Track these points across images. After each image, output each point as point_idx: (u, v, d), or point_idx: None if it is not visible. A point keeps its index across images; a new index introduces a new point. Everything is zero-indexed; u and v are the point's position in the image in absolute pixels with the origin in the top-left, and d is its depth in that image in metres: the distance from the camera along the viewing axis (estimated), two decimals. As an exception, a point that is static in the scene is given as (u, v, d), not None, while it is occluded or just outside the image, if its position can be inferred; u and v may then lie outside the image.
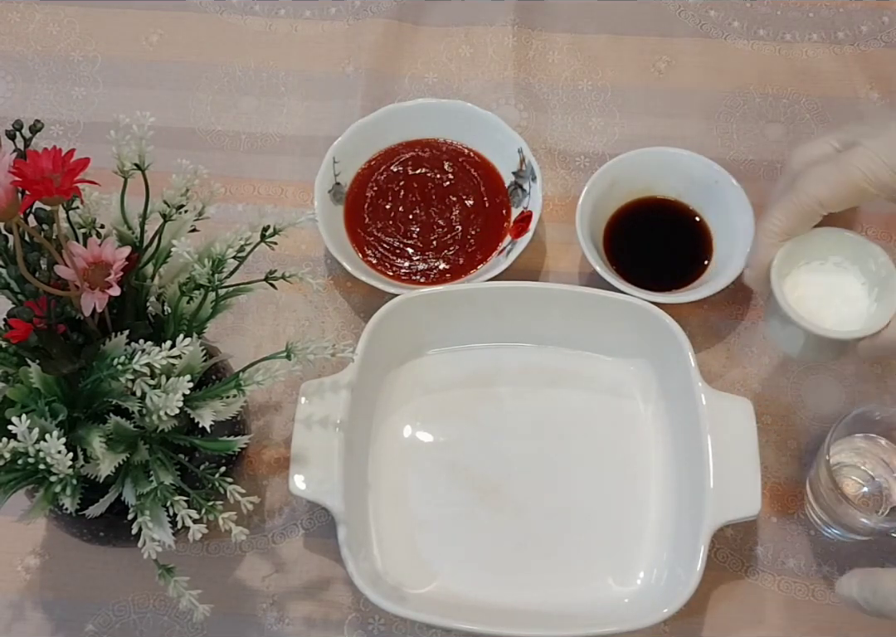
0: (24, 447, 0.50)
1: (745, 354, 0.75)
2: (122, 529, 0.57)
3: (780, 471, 0.71)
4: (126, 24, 0.90)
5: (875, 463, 0.67)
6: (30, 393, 0.54)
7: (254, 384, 0.58)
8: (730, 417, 0.65)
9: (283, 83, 0.87)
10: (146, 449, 0.57)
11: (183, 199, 0.59)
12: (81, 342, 0.55)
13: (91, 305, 0.52)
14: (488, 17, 0.89)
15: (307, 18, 0.90)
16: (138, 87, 0.87)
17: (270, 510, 0.71)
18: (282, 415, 0.74)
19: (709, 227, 0.76)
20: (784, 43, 0.88)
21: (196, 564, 0.69)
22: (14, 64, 0.88)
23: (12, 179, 0.48)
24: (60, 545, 0.69)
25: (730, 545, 0.69)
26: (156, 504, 0.56)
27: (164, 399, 0.53)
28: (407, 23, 0.89)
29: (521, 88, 0.86)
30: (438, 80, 0.87)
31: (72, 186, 0.48)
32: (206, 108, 0.86)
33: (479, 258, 0.76)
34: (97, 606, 0.68)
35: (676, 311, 0.71)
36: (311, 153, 0.83)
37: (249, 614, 0.68)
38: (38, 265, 0.53)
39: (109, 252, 0.53)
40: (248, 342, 0.76)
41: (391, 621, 0.67)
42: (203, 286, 0.58)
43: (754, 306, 0.77)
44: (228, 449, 0.58)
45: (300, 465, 0.65)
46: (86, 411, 0.55)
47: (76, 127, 0.85)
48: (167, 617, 0.68)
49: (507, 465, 0.70)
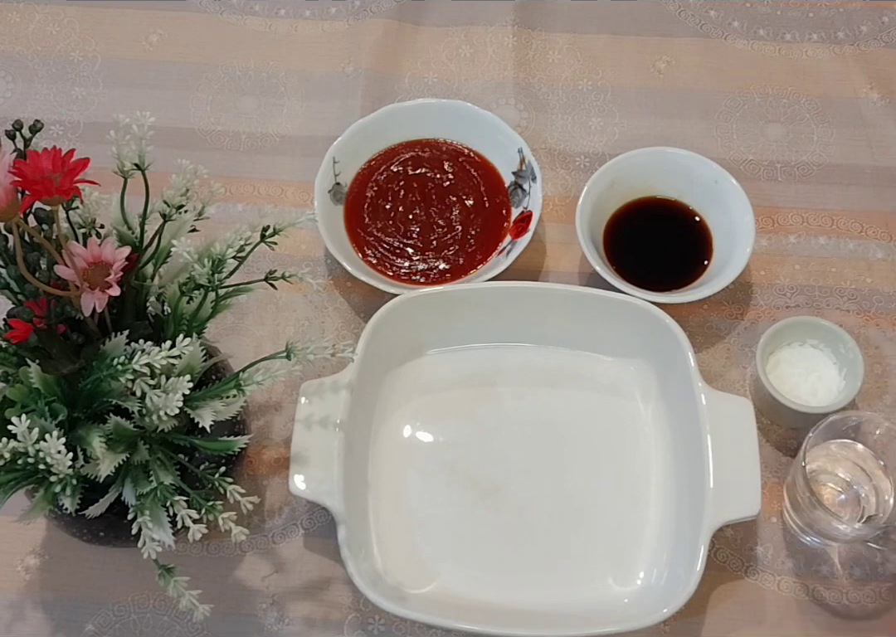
0: (24, 447, 0.50)
1: (744, 354, 0.75)
2: (122, 529, 0.57)
3: (780, 471, 0.71)
4: (126, 25, 0.90)
5: (852, 469, 0.67)
6: (30, 393, 0.54)
7: (254, 384, 0.58)
8: (730, 417, 0.65)
9: (282, 83, 0.87)
10: (146, 449, 0.57)
11: (183, 199, 0.59)
12: (81, 342, 0.55)
13: (91, 305, 0.52)
14: (488, 17, 0.90)
15: (307, 18, 0.90)
16: (138, 87, 0.87)
17: (270, 510, 0.71)
18: (282, 415, 0.74)
19: (709, 227, 0.76)
20: (784, 43, 0.88)
21: (196, 564, 0.69)
22: (14, 64, 0.88)
23: (12, 179, 0.48)
24: (60, 545, 0.69)
25: (730, 545, 0.69)
26: (156, 504, 0.56)
27: (164, 399, 0.53)
28: (407, 23, 0.89)
29: (520, 88, 0.86)
30: (438, 80, 0.87)
31: (72, 186, 0.48)
32: (205, 108, 0.86)
33: (479, 258, 0.76)
34: (97, 606, 0.68)
35: (676, 311, 0.71)
36: (310, 153, 0.83)
37: (249, 614, 0.68)
38: (38, 265, 0.53)
39: (109, 252, 0.53)
40: (248, 342, 0.76)
41: (391, 621, 0.67)
42: (203, 286, 0.58)
43: (754, 306, 0.77)
44: (228, 449, 0.58)
45: (300, 465, 0.65)
46: (86, 411, 0.55)
47: (76, 127, 0.85)
48: (167, 617, 0.68)
49: (506, 465, 0.70)
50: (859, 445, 0.67)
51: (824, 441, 0.66)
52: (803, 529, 0.67)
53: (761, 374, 0.69)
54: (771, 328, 0.71)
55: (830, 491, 0.68)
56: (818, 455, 0.67)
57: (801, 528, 0.67)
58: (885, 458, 0.66)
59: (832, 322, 0.71)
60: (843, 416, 0.64)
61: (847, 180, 0.82)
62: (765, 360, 0.71)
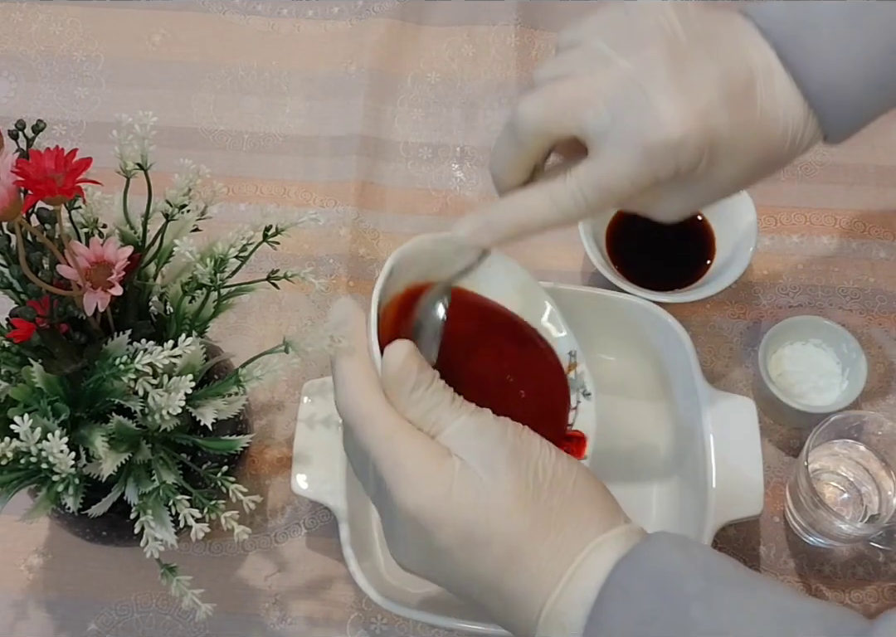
0: (27, 446, 0.50)
1: (747, 354, 0.75)
2: (124, 529, 0.57)
3: (783, 470, 0.71)
4: (129, 24, 0.90)
5: (854, 469, 0.67)
6: (32, 392, 0.54)
7: (253, 379, 0.57)
8: (732, 417, 0.65)
9: (285, 83, 0.87)
10: (148, 448, 0.57)
11: (185, 199, 0.59)
12: (84, 342, 0.55)
13: (93, 305, 0.52)
14: (491, 16, 0.89)
15: (310, 18, 0.90)
16: (141, 87, 0.87)
17: (273, 509, 0.71)
18: (284, 414, 0.74)
19: (711, 226, 0.76)
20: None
21: (198, 564, 0.69)
22: (17, 64, 0.88)
23: (15, 179, 0.48)
24: (63, 544, 0.70)
25: (732, 544, 0.68)
26: (158, 503, 0.56)
27: (167, 398, 0.53)
28: (409, 22, 0.89)
29: (523, 88, 0.86)
30: (441, 80, 0.87)
31: (74, 186, 0.48)
32: (208, 107, 0.86)
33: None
34: (100, 605, 0.68)
35: (679, 310, 0.71)
36: (313, 153, 0.83)
37: (252, 613, 0.68)
38: (41, 265, 0.53)
39: (112, 252, 0.53)
40: (251, 342, 0.76)
41: (393, 620, 0.67)
42: (205, 286, 0.58)
43: (757, 306, 0.77)
44: (231, 448, 0.58)
45: (302, 464, 0.65)
46: (88, 411, 0.55)
47: (79, 127, 0.86)
48: (170, 616, 0.68)
49: (509, 465, 0.70)
50: (862, 445, 0.67)
51: (827, 441, 0.66)
52: (806, 529, 0.67)
53: (764, 373, 0.69)
54: (773, 328, 0.71)
55: (833, 490, 0.68)
56: (821, 455, 0.67)
57: (804, 528, 0.67)
58: (888, 458, 0.66)
59: (835, 322, 0.71)
60: (846, 415, 0.64)
61: (850, 179, 0.82)
62: (767, 360, 0.71)
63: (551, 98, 0.48)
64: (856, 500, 0.67)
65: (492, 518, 0.45)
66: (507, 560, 0.45)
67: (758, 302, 0.77)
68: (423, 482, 0.45)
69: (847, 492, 0.68)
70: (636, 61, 0.47)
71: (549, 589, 0.45)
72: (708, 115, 0.47)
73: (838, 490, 0.68)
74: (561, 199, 0.49)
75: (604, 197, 0.48)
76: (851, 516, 0.67)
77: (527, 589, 0.45)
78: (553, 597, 0.44)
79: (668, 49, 0.47)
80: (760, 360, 0.70)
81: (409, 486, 0.45)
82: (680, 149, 0.46)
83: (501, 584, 0.45)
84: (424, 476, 0.45)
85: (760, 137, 0.49)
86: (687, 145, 0.46)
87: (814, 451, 0.64)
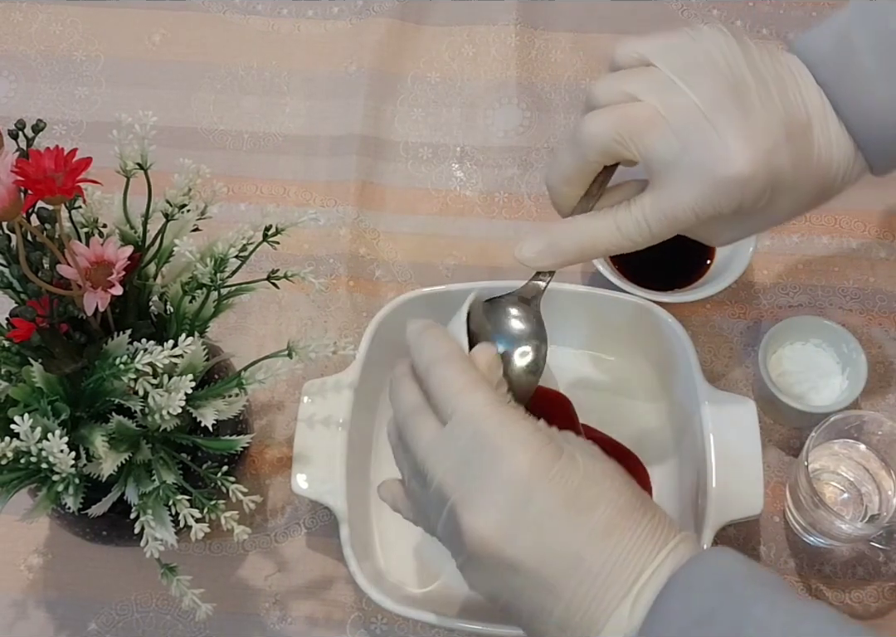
0: (27, 446, 0.50)
1: (747, 354, 0.75)
2: (124, 528, 0.57)
3: (783, 470, 0.71)
4: (129, 24, 0.90)
5: (854, 469, 0.67)
6: (32, 392, 0.54)
7: (255, 383, 0.58)
8: (732, 417, 0.65)
9: (285, 82, 0.87)
10: (148, 448, 0.57)
11: (185, 199, 0.59)
12: (84, 341, 0.55)
13: (93, 305, 0.52)
14: (491, 16, 0.89)
15: (310, 18, 0.90)
16: (141, 87, 0.87)
17: (273, 509, 0.71)
18: (284, 414, 0.74)
19: (711, 226, 0.76)
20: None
21: (198, 563, 0.69)
22: (17, 63, 0.88)
23: (15, 179, 0.48)
24: (63, 544, 0.70)
25: (732, 544, 0.68)
26: (158, 503, 0.56)
27: (167, 398, 0.53)
28: (409, 22, 0.89)
29: (523, 88, 0.86)
30: (441, 80, 0.87)
31: (74, 186, 0.48)
32: (208, 107, 0.86)
33: None
34: (100, 605, 0.68)
35: (679, 310, 0.71)
36: (313, 153, 0.83)
37: (252, 613, 0.68)
38: (41, 264, 0.53)
39: (112, 251, 0.53)
40: (251, 341, 0.76)
41: (393, 620, 0.67)
42: (205, 285, 0.58)
43: (757, 305, 0.77)
44: (231, 448, 0.58)
45: (302, 464, 0.65)
46: (88, 410, 0.55)
47: (79, 126, 0.86)
48: (170, 616, 0.68)
49: (509, 465, 0.70)
50: (862, 445, 0.67)
51: (827, 441, 0.66)
52: (806, 529, 0.67)
53: (764, 373, 0.69)
54: (773, 327, 0.71)
55: (833, 490, 0.68)
56: (821, 454, 0.67)
57: (804, 528, 0.67)
58: (888, 458, 0.66)
59: (835, 321, 0.71)
60: (846, 415, 0.64)
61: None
62: (767, 360, 0.71)
63: (621, 120, 0.49)
64: (856, 500, 0.67)
65: (600, 483, 0.47)
66: (605, 532, 0.46)
67: (758, 302, 0.77)
68: (538, 442, 0.47)
69: (847, 492, 0.68)
70: (704, 94, 0.48)
71: (637, 575, 0.46)
72: (773, 154, 0.48)
73: (838, 490, 0.68)
74: (625, 227, 0.51)
75: (668, 226, 0.50)
76: (851, 516, 0.67)
77: (618, 565, 0.45)
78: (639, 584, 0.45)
79: (735, 85, 0.48)
80: (760, 360, 0.70)
81: (522, 445, 0.46)
82: (747, 186, 0.48)
83: (593, 557, 0.45)
84: (538, 438, 0.47)
85: (817, 176, 0.51)
86: (754, 183, 0.48)
87: (814, 451, 0.64)
